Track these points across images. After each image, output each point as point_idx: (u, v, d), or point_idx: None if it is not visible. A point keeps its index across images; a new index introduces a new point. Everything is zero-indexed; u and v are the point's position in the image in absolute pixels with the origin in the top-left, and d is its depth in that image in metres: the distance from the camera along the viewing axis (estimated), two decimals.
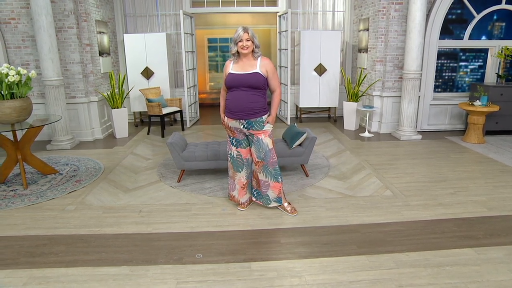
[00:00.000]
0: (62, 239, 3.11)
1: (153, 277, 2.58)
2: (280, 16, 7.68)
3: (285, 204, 3.53)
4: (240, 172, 3.51)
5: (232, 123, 3.31)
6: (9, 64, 5.79)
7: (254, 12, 8.87)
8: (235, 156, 3.47)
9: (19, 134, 4.61)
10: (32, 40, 5.97)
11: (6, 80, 4.05)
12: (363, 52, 7.16)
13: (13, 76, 4.05)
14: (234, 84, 3.19)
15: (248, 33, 3.09)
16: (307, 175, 4.46)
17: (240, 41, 3.11)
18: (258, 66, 3.17)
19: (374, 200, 3.83)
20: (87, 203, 3.85)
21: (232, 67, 3.24)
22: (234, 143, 3.43)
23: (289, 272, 2.61)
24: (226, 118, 3.35)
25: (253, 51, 3.17)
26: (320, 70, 7.40)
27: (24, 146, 4.42)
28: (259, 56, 3.20)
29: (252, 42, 3.12)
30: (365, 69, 7.08)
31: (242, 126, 3.28)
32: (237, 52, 3.20)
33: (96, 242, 3.07)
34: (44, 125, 4.44)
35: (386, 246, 2.94)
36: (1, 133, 4.18)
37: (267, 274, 2.59)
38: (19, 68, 4.17)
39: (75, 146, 6.05)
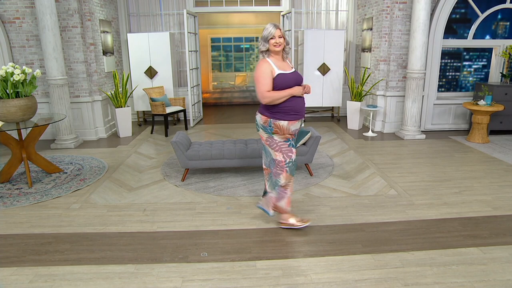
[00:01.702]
0: (67, 237, 3.12)
1: (159, 275, 2.58)
2: (283, 16, 7.68)
3: (290, 220, 3.20)
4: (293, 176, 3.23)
5: (296, 125, 3.03)
6: (13, 63, 5.82)
7: (257, 12, 8.87)
8: (294, 160, 3.13)
9: (24, 133, 4.63)
10: (36, 40, 5.99)
11: (12, 79, 4.06)
12: (367, 51, 7.15)
13: (18, 75, 4.07)
14: (289, 84, 2.94)
15: (280, 30, 2.93)
16: (311, 174, 4.46)
17: (272, 38, 2.92)
18: (290, 64, 3.15)
19: (378, 199, 3.82)
20: (91, 201, 3.86)
21: (275, 66, 2.97)
22: (292, 145, 3.14)
23: (295, 270, 2.61)
24: (288, 122, 2.97)
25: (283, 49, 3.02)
26: (324, 69, 7.39)
27: (28, 145, 4.44)
28: (289, 52, 3.09)
29: (284, 38, 2.96)
30: (369, 68, 7.06)
31: (300, 125, 3.12)
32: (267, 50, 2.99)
33: (101, 240, 3.08)
34: (49, 124, 4.46)
35: (392, 245, 2.94)
36: (6, 131, 4.19)
37: (272, 272, 2.59)
38: (24, 67, 4.19)
39: (79, 145, 6.06)
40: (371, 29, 6.87)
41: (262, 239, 3.05)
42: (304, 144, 4.35)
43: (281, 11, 7.81)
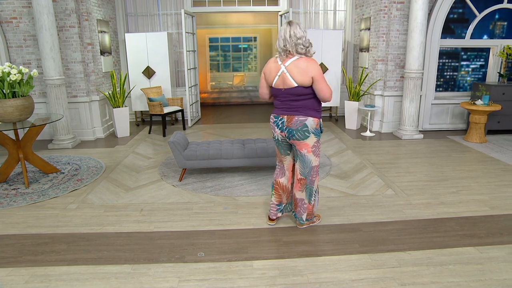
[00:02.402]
0: (63, 238, 3.11)
1: (155, 276, 2.58)
2: (281, 16, 7.67)
3: (314, 219, 3.28)
4: None
5: None
6: (10, 63, 5.80)
7: (255, 12, 8.86)
8: None
9: (21, 133, 4.61)
10: (33, 39, 5.97)
11: (8, 79, 4.05)
12: (365, 51, 7.15)
13: (15, 75, 4.06)
14: None
15: None
16: None
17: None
18: None
19: (376, 199, 3.82)
20: (88, 201, 3.85)
21: None
22: None
23: (291, 270, 2.60)
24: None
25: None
26: (322, 69, 7.38)
27: (25, 145, 4.42)
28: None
29: None
30: (367, 68, 7.06)
31: None
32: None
33: (98, 240, 3.07)
34: (46, 124, 4.44)
35: (389, 244, 2.94)
36: (3, 131, 4.18)
37: (269, 272, 2.59)
38: (21, 67, 4.18)
39: (76, 145, 6.05)
40: (369, 29, 6.87)
41: (259, 239, 3.04)
42: None
43: (279, 11, 7.80)
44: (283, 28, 2.80)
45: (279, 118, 2.93)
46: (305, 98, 2.84)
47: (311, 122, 2.87)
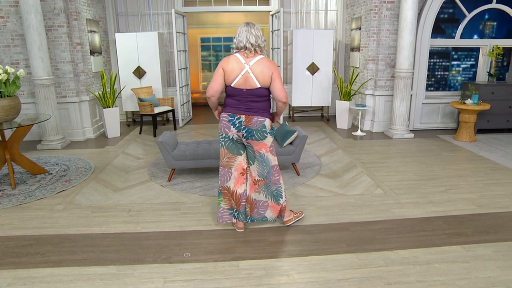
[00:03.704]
0: (49, 239, 3.07)
1: (140, 277, 2.55)
2: (272, 15, 7.67)
3: (293, 215, 3.27)
4: None
5: None
6: None
7: (246, 11, 8.84)
8: None
9: (8, 134, 4.55)
10: (21, 39, 5.90)
11: None
12: (356, 51, 7.17)
13: (0, 74, 4.00)
14: None
15: None
16: (298, 174, 4.45)
17: None
18: None
19: (364, 198, 3.82)
20: (76, 202, 3.81)
21: None
22: None
23: (277, 270, 2.59)
24: None
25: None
26: (313, 69, 7.40)
27: (12, 146, 4.37)
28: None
29: None
30: (358, 68, 7.08)
31: None
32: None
33: (84, 241, 3.04)
34: (33, 124, 4.39)
35: (376, 244, 2.94)
36: None
37: (255, 272, 2.57)
38: (6, 67, 4.13)
39: (66, 146, 5.99)
40: (360, 28, 6.89)
41: (246, 239, 3.03)
42: (291, 143, 4.34)
43: (270, 11, 7.80)
44: (246, 28, 2.81)
45: (236, 117, 2.86)
46: (264, 100, 2.87)
47: (268, 122, 2.90)
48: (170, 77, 8.07)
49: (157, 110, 6.69)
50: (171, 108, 6.99)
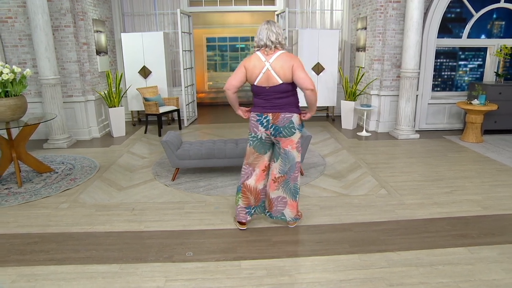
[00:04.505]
0: (53, 237, 3.10)
1: (142, 275, 2.56)
2: (278, 15, 7.66)
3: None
4: None
5: None
6: (5, 63, 5.80)
7: (252, 11, 8.85)
8: None
9: (14, 133, 4.61)
10: (29, 39, 5.96)
11: (0, 78, 4.04)
12: (361, 51, 7.13)
13: (7, 74, 4.05)
14: None
15: None
16: (302, 174, 4.44)
17: None
18: None
19: (368, 199, 3.80)
20: (80, 201, 3.84)
21: None
22: None
23: (279, 270, 2.59)
24: None
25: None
26: (318, 69, 7.37)
27: (19, 145, 4.42)
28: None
29: None
30: (363, 68, 7.04)
31: None
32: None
33: (88, 240, 3.06)
34: (39, 123, 4.43)
35: (379, 245, 2.92)
36: None
37: (256, 272, 2.57)
38: (13, 67, 4.18)
39: (72, 145, 6.04)
40: (365, 28, 6.85)
41: (249, 238, 3.03)
42: None
43: (276, 11, 7.79)
44: (266, 26, 2.83)
45: (263, 117, 2.89)
46: (288, 95, 2.86)
47: (296, 118, 2.90)
48: (175, 77, 8.10)
49: (162, 109, 6.72)
50: (176, 108, 7.01)
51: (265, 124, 2.90)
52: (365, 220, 3.34)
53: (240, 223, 3.16)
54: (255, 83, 2.85)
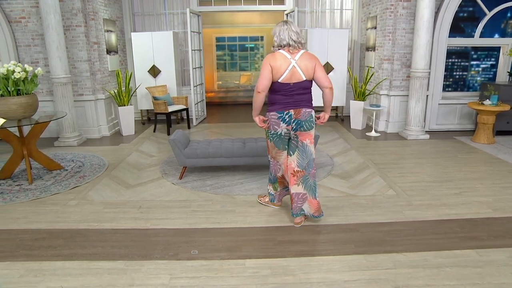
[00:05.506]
0: (61, 233, 3.15)
1: (147, 272, 2.58)
2: (287, 15, 7.64)
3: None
4: None
5: None
6: (18, 62, 5.91)
7: (261, 11, 8.85)
8: None
9: (26, 130, 4.69)
10: (41, 39, 6.06)
11: (13, 77, 4.12)
12: (371, 50, 7.07)
13: (19, 73, 4.12)
14: None
15: None
16: None
17: None
18: None
19: (376, 199, 3.76)
20: (88, 198, 3.89)
21: None
22: None
23: (283, 270, 2.58)
24: None
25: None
26: (328, 68, 7.33)
27: (30, 142, 4.49)
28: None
29: None
30: (373, 67, 6.98)
31: None
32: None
33: (94, 236, 3.10)
34: (49, 121, 4.50)
35: (385, 246, 2.89)
36: (8, 128, 4.25)
37: (261, 271, 2.57)
38: (25, 65, 4.25)
39: (82, 143, 6.12)
40: (375, 27, 6.79)
41: (254, 237, 3.03)
42: None
43: (285, 10, 7.77)
44: (286, 26, 2.95)
45: (285, 113, 2.99)
46: (309, 92, 3.04)
47: (313, 113, 3.08)
48: (184, 76, 8.15)
49: (171, 108, 6.76)
50: (184, 107, 7.05)
51: (287, 120, 3.01)
52: (372, 220, 3.31)
53: (276, 204, 3.49)
54: (279, 80, 2.93)
